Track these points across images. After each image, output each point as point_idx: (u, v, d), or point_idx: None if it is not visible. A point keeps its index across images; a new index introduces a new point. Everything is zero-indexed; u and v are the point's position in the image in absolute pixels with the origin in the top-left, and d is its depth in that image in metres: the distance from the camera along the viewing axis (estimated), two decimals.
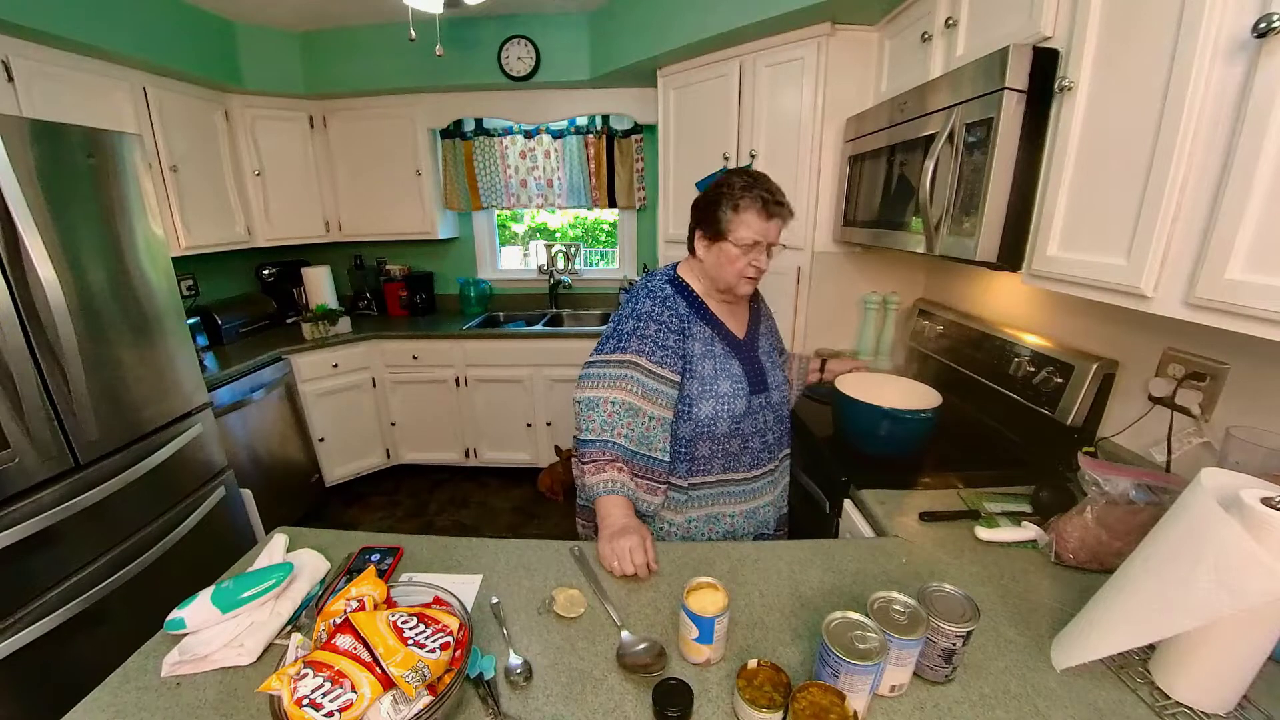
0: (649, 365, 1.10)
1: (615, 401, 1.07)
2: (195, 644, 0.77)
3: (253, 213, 2.84)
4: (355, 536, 1.06)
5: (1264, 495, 0.64)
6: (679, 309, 1.15)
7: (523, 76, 2.77)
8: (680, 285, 1.19)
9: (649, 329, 1.12)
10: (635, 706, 0.70)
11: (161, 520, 1.76)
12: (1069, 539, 0.95)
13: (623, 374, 1.09)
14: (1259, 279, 0.71)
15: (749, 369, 1.19)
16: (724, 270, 1.13)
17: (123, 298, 1.66)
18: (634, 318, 1.14)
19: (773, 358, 1.27)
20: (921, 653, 0.70)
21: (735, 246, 1.09)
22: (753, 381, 1.18)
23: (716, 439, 1.15)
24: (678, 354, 1.12)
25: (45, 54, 1.90)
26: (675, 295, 1.17)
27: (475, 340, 2.95)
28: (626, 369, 1.09)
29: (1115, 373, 1.25)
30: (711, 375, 1.14)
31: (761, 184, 1.09)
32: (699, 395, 1.13)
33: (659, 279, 1.20)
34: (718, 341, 1.17)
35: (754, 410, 1.17)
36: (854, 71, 1.88)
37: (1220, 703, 0.68)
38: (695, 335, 1.15)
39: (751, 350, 1.22)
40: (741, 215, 1.08)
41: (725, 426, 1.14)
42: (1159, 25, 0.83)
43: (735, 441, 1.17)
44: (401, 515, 2.92)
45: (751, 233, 1.08)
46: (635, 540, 0.95)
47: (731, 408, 1.14)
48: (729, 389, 1.14)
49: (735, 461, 1.19)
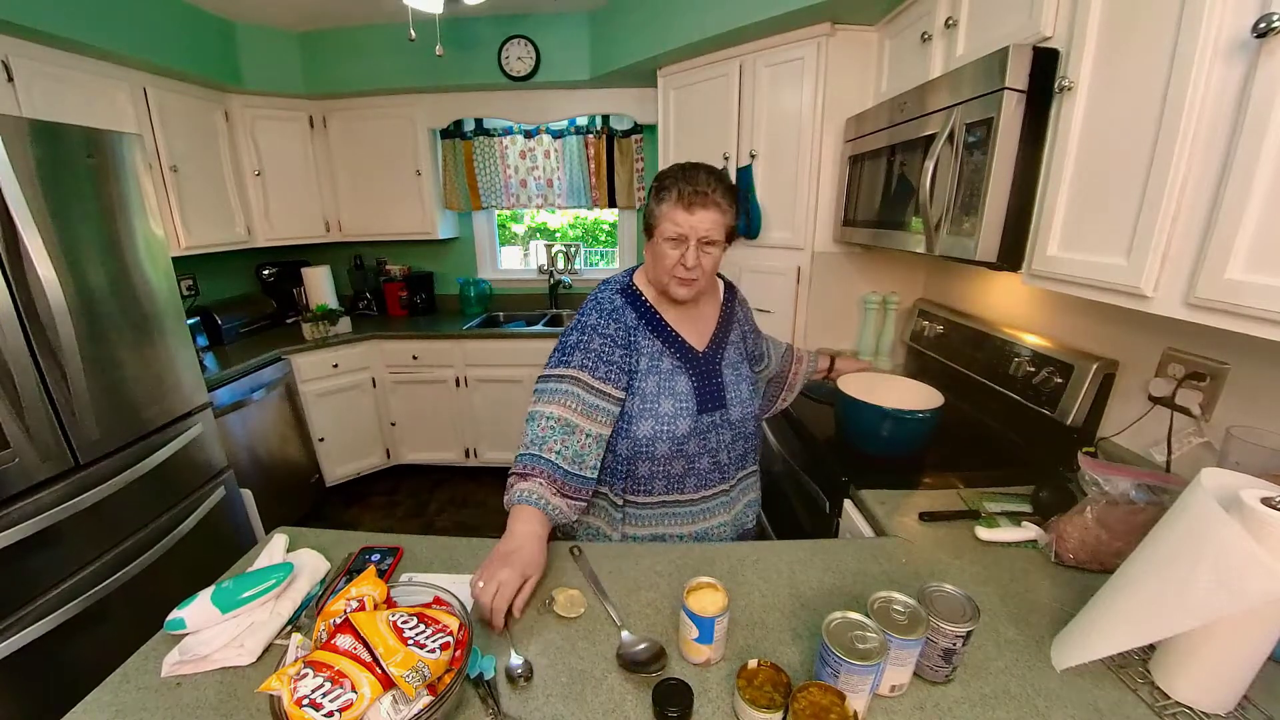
0: (590, 381, 1.04)
1: (551, 417, 1.01)
2: (195, 644, 0.77)
3: (253, 213, 2.84)
4: (355, 536, 1.06)
5: (1264, 495, 0.64)
6: (626, 320, 1.09)
7: (523, 76, 2.77)
8: (632, 294, 1.12)
9: (593, 343, 1.06)
10: (635, 706, 0.70)
11: (161, 520, 1.76)
12: (1069, 539, 0.95)
13: (564, 389, 1.03)
14: (1259, 279, 0.71)
15: (701, 385, 1.11)
16: (658, 269, 1.07)
17: (123, 298, 1.66)
18: (578, 330, 1.08)
19: (740, 370, 1.18)
20: (921, 653, 0.70)
21: (663, 242, 1.04)
22: (704, 399, 1.10)
23: (656, 460, 1.08)
24: (623, 369, 1.06)
25: (45, 54, 1.90)
26: (624, 306, 1.10)
27: (475, 340, 2.95)
28: (568, 384, 1.03)
29: (1115, 373, 1.25)
30: (654, 393, 1.07)
31: (687, 175, 1.02)
32: (638, 413, 1.07)
33: (609, 288, 1.13)
34: (666, 356, 1.09)
35: (702, 430, 1.10)
36: (854, 71, 1.88)
37: (1220, 703, 0.68)
38: (642, 349, 1.08)
39: (711, 364, 1.13)
40: (663, 208, 1.03)
41: (665, 448, 1.07)
42: (1159, 25, 0.83)
43: (678, 463, 1.09)
44: (401, 515, 2.92)
45: (674, 226, 1.01)
46: (509, 576, 0.82)
47: (672, 428, 1.07)
48: (671, 409, 1.07)
49: (678, 483, 1.11)
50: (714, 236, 1.03)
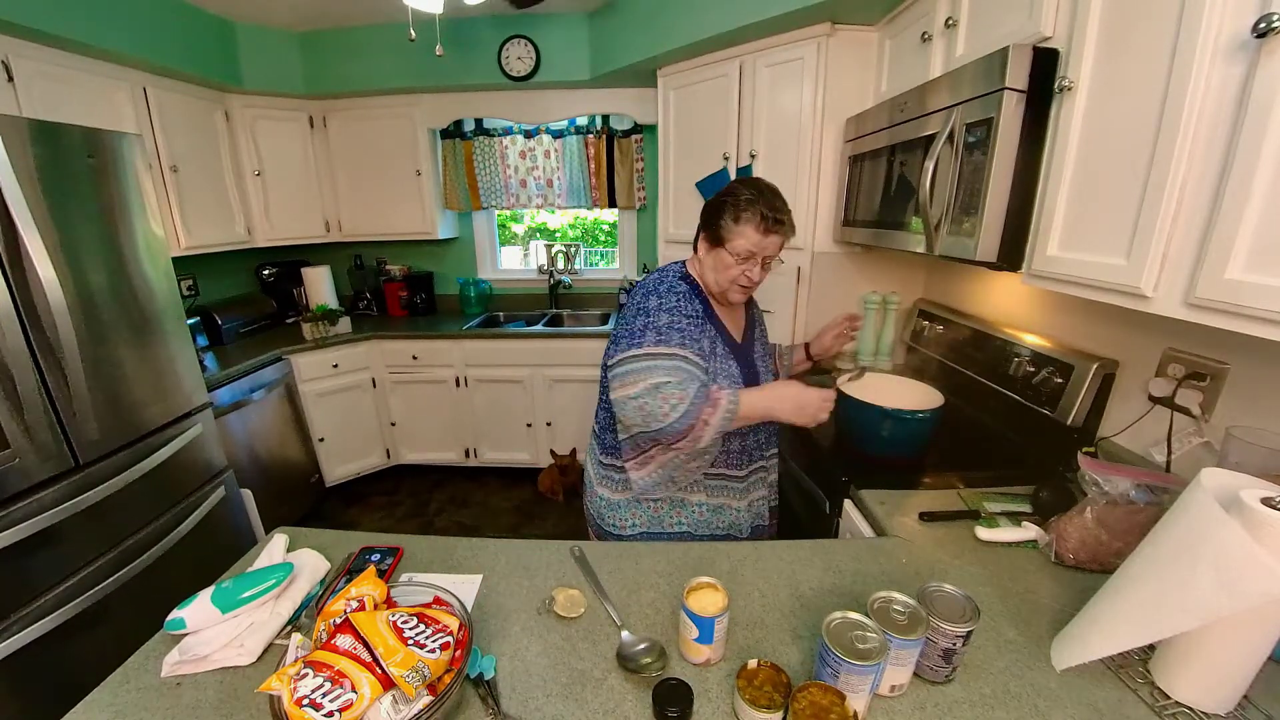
0: (694, 358, 1.09)
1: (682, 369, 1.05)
2: (195, 644, 0.77)
3: (253, 213, 2.84)
4: (355, 536, 1.06)
5: (1264, 495, 0.64)
6: (696, 306, 1.16)
7: (523, 76, 2.77)
8: (693, 283, 1.20)
9: (681, 323, 1.11)
10: (635, 706, 0.70)
11: (161, 520, 1.76)
12: (1069, 539, 0.95)
13: (675, 365, 1.05)
14: (1259, 279, 0.71)
15: (745, 372, 1.21)
16: (719, 276, 1.16)
17: (123, 298, 1.66)
18: (667, 312, 1.11)
19: (765, 362, 1.31)
20: (922, 653, 0.70)
21: (731, 255, 1.12)
22: (748, 384, 1.20)
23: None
24: (702, 346, 1.14)
25: (45, 54, 1.90)
26: (691, 294, 1.18)
27: (475, 340, 2.95)
28: (676, 361, 1.06)
29: (1115, 373, 1.25)
30: (719, 372, 1.16)
31: (766, 199, 1.10)
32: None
33: (672, 274, 1.20)
34: (720, 342, 1.19)
35: None
36: (854, 71, 1.88)
37: (1220, 703, 0.68)
38: (709, 333, 1.17)
39: (748, 354, 1.25)
40: (741, 226, 1.10)
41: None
42: (1159, 25, 0.83)
43: (735, 440, 1.21)
44: (401, 515, 2.92)
45: (748, 244, 1.10)
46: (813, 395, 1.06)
47: None
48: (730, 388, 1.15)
49: (736, 459, 1.23)
50: (776, 257, 1.15)
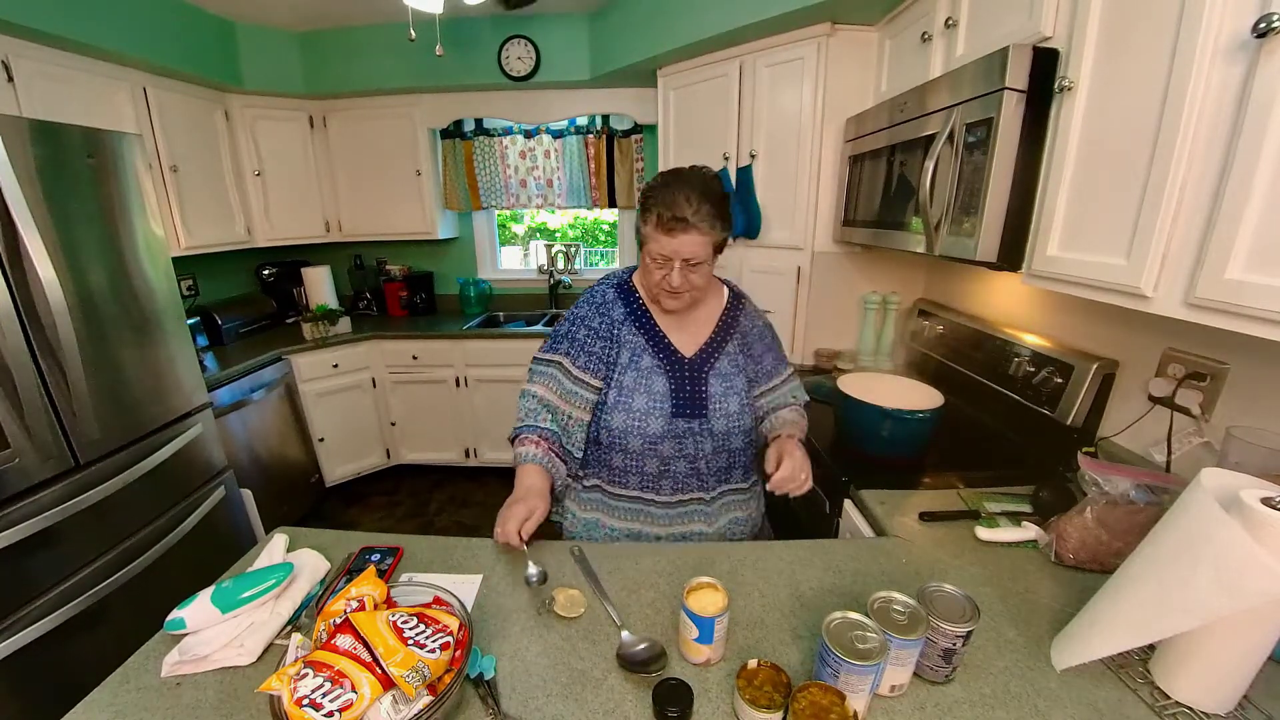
0: (571, 368, 1.11)
1: (536, 395, 1.12)
2: (195, 644, 0.77)
3: (253, 213, 2.84)
4: (355, 536, 1.06)
5: (1264, 495, 0.64)
6: (613, 314, 1.13)
7: (523, 76, 2.77)
8: (626, 290, 1.15)
9: (579, 333, 1.13)
10: (635, 706, 0.70)
11: (161, 520, 1.76)
12: (1069, 539, 0.95)
13: (550, 373, 1.12)
14: (1259, 279, 0.71)
15: (680, 389, 1.09)
16: (645, 281, 1.09)
17: (123, 298, 1.66)
18: (570, 320, 1.15)
19: (732, 383, 1.12)
20: (922, 653, 0.70)
21: (648, 258, 1.04)
22: (680, 403, 1.08)
23: (629, 454, 1.10)
24: (603, 360, 1.11)
25: (45, 54, 1.90)
26: (615, 300, 1.14)
27: (475, 340, 2.95)
28: (553, 369, 1.13)
29: (1115, 373, 1.25)
30: (630, 387, 1.09)
31: (670, 192, 0.99)
32: (613, 405, 1.10)
33: (607, 282, 1.18)
34: (648, 354, 1.11)
35: (678, 434, 1.09)
36: (854, 71, 1.88)
37: (1220, 703, 0.68)
38: (624, 343, 1.11)
39: (696, 370, 1.11)
40: (648, 228, 1.02)
41: (637, 443, 1.09)
42: (1159, 25, 0.83)
43: (652, 461, 1.10)
44: (401, 515, 2.92)
45: (658, 247, 1.01)
46: (517, 510, 0.95)
47: (643, 425, 1.08)
48: (643, 405, 1.08)
49: (653, 483, 1.12)
50: (698, 258, 1.01)
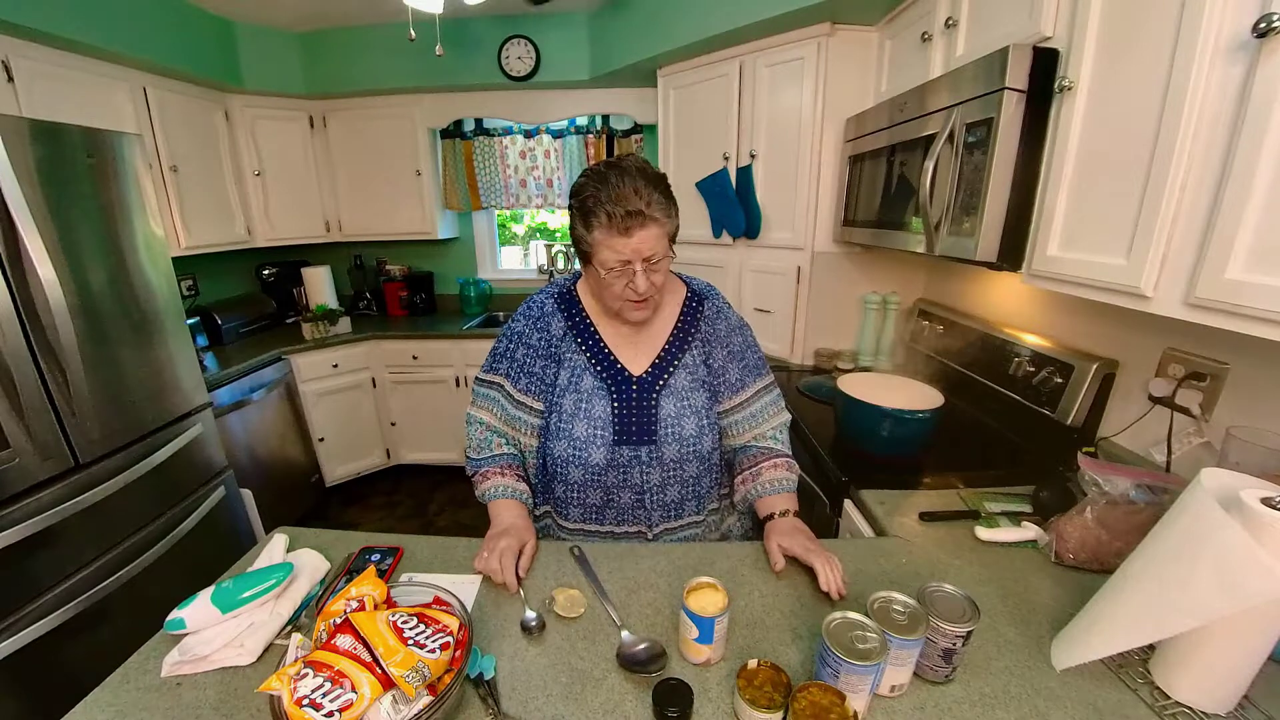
0: (512, 391, 1.03)
1: (483, 423, 1.06)
2: (195, 644, 0.77)
3: (253, 213, 2.84)
4: (355, 536, 1.06)
5: (1264, 495, 0.63)
6: (552, 330, 1.02)
7: (523, 76, 2.77)
8: (568, 300, 1.04)
9: (517, 352, 1.03)
10: (635, 706, 0.70)
11: (161, 520, 1.76)
12: (1069, 539, 0.95)
13: (492, 395, 1.05)
14: (1259, 279, 0.71)
15: (625, 413, 0.98)
16: (604, 296, 0.96)
17: (123, 298, 1.66)
18: (507, 336, 1.05)
19: (688, 401, 1.00)
20: (922, 653, 0.70)
21: (603, 270, 0.90)
22: (624, 430, 0.97)
23: (570, 484, 1.02)
24: (543, 381, 1.01)
25: (45, 54, 1.90)
26: (555, 313, 1.03)
27: (475, 340, 2.95)
28: (495, 391, 1.05)
29: (1115, 373, 1.25)
30: (570, 412, 0.99)
31: (613, 187, 0.86)
32: (554, 431, 1.00)
33: (547, 291, 1.06)
34: (589, 374, 1.00)
35: (621, 464, 0.99)
36: (854, 71, 1.88)
37: (1220, 703, 0.68)
38: (566, 362, 1.01)
39: (645, 391, 0.99)
40: (595, 234, 0.89)
41: (578, 474, 1.00)
42: (1159, 25, 0.83)
43: (595, 492, 1.01)
44: (401, 515, 2.92)
45: (614, 254, 0.88)
46: (509, 543, 0.89)
47: (585, 455, 0.98)
48: (584, 433, 0.98)
49: (596, 514, 1.03)
50: (659, 253, 0.90)
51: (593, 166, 0.92)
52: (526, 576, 0.92)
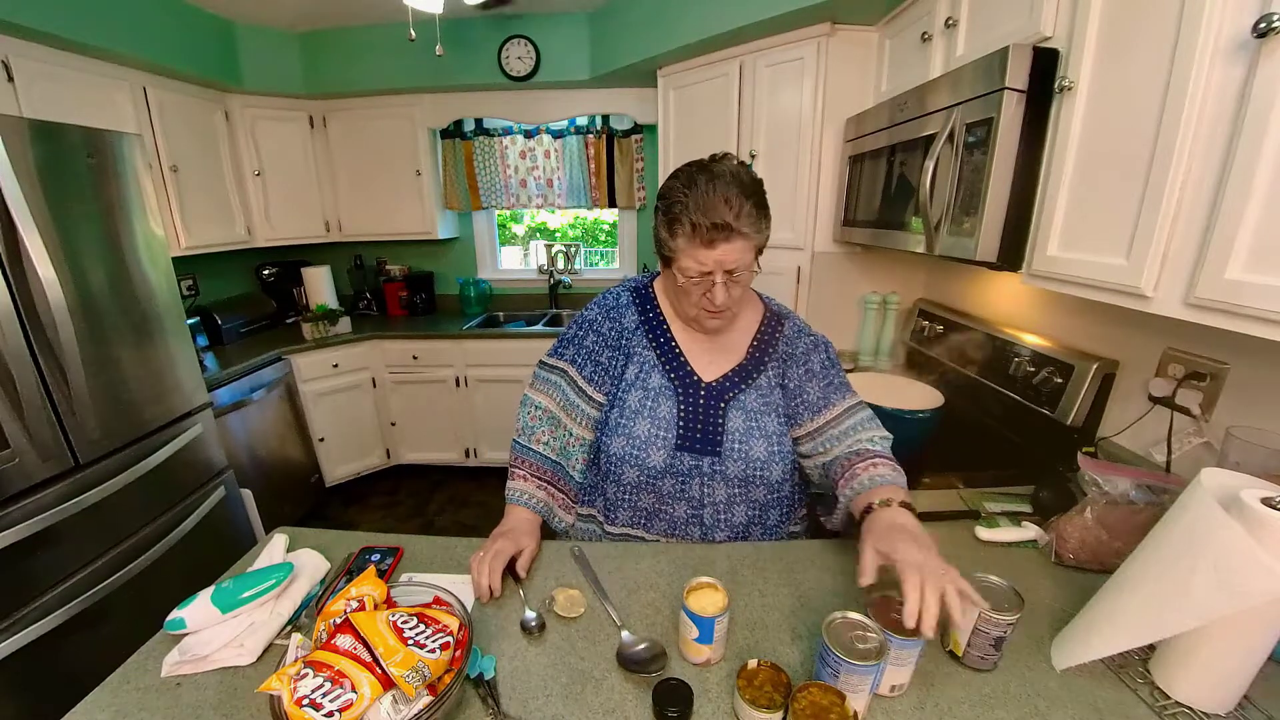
0: (577, 378, 1.01)
1: (539, 406, 1.03)
2: (195, 644, 0.77)
3: (253, 213, 2.84)
4: (355, 536, 1.06)
5: (1264, 495, 0.64)
6: (625, 321, 1.00)
7: (523, 77, 2.77)
8: (644, 296, 1.03)
9: (587, 339, 1.01)
10: (635, 706, 0.70)
11: (161, 520, 1.76)
12: (1069, 539, 0.95)
13: (553, 380, 1.03)
14: (1259, 279, 0.71)
15: (691, 418, 0.95)
16: (680, 301, 0.95)
17: (123, 298, 1.66)
18: (578, 324, 1.04)
19: (759, 421, 0.96)
20: (971, 642, 0.72)
21: (682, 276, 0.88)
22: (688, 436, 0.95)
23: (623, 485, 0.99)
24: (609, 373, 0.99)
25: (45, 54, 1.90)
26: (630, 305, 1.01)
27: (475, 340, 2.95)
28: (557, 376, 1.03)
29: (1115, 373, 1.25)
30: (634, 409, 0.97)
31: (704, 198, 0.83)
32: (614, 426, 0.98)
33: (624, 286, 1.06)
34: (657, 373, 0.97)
35: (681, 471, 0.96)
36: (854, 71, 1.88)
37: (1220, 703, 0.68)
38: (635, 357, 0.99)
39: (714, 399, 0.96)
40: (677, 241, 0.87)
41: (633, 474, 0.97)
42: (1159, 25, 0.83)
43: (647, 497, 0.98)
44: (401, 515, 2.92)
45: (695, 264, 0.86)
46: (502, 546, 0.87)
47: (643, 455, 0.95)
48: (645, 433, 0.95)
49: (645, 520, 1.00)
50: (742, 266, 0.86)
51: (683, 167, 0.89)
52: (526, 578, 0.92)
